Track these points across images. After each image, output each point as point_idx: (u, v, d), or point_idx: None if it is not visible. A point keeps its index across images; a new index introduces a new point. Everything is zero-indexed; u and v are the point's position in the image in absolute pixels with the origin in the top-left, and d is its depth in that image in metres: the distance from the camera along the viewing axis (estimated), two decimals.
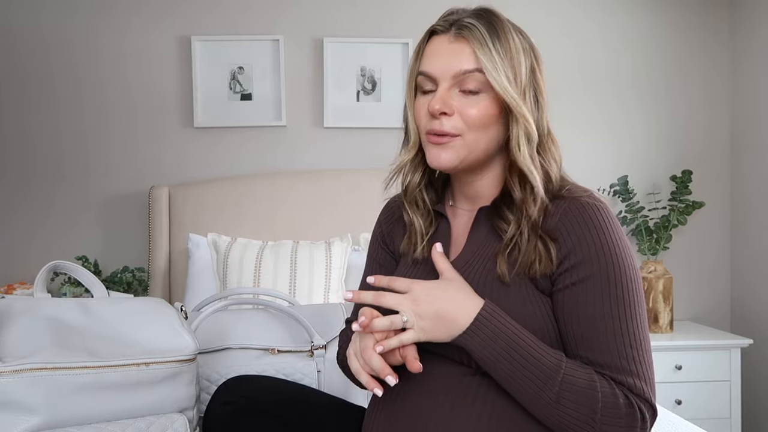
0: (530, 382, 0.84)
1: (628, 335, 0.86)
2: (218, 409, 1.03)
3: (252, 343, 1.36)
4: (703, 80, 2.60)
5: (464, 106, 0.92)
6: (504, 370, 0.85)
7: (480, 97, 0.92)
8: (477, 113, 0.92)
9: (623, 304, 0.86)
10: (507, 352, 0.85)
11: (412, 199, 1.04)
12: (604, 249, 0.87)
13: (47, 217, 2.39)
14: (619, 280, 0.87)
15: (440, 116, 0.92)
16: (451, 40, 0.93)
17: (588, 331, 0.86)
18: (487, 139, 0.94)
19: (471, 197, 1.02)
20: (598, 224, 0.89)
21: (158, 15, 2.42)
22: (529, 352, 0.85)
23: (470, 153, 0.94)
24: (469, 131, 0.93)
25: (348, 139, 2.46)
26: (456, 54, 0.92)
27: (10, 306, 1.06)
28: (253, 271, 2.05)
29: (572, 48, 2.53)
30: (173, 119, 2.43)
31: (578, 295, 0.87)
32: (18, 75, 2.38)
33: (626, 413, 0.84)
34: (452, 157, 0.94)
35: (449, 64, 0.92)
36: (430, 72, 0.94)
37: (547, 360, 0.85)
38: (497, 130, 0.95)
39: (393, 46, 2.46)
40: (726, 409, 2.26)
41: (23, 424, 0.96)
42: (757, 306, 2.47)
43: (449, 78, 0.92)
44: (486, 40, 0.91)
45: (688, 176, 2.47)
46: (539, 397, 0.84)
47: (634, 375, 0.85)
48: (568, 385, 0.84)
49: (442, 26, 0.95)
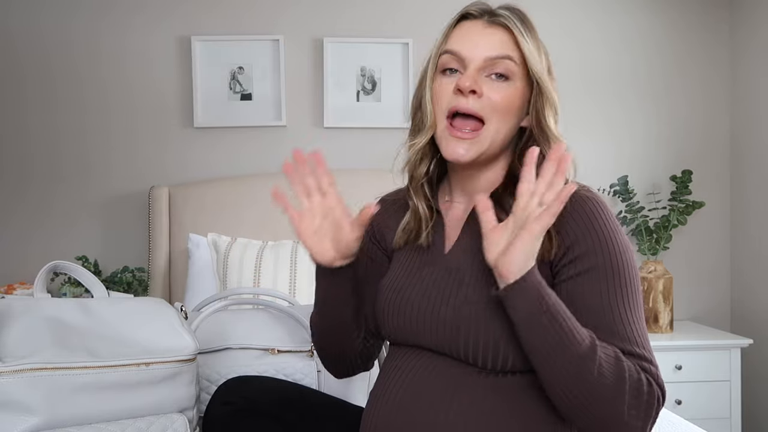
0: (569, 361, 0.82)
1: (635, 323, 0.88)
2: (218, 410, 1.03)
3: (252, 343, 1.36)
4: (703, 80, 2.60)
5: (491, 90, 0.94)
6: (544, 341, 0.83)
7: (508, 84, 0.94)
8: (503, 98, 0.94)
9: (627, 293, 0.88)
10: (553, 323, 0.82)
11: (417, 187, 1.04)
12: (606, 241, 0.89)
13: (47, 217, 2.39)
14: (622, 270, 0.88)
15: (469, 95, 0.93)
16: (485, 25, 0.96)
17: (595, 320, 0.87)
18: (506, 130, 0.96)
19: (469, 191, 1.02)
20: (599, 217, 0.90)
21: (158, 15, 2.42)
22: (570, 328, 0.82)
23: (490, 146, 0.96)
24: (493, 115, 0.94)
25: (348, 139, 2.45)
26: (490, 39, 0.95)
27: (10, 306, 1.06)
28: (253, 271, 2.05)
29: (572, 48, 2.53)
30: (173, 119, 2.43)
31: (583, 286, 0.88)
32: (16, 75, 2.38)
33: (647, 391, 0.84)
34: (471, 152, 0.95)
35: (481, 47, 0.94)
36: (460, 52, 0.95)
37: (584, 334, 0.83)
38: (515, 123, 0.97)
39: (393, 46, 2.46)
40: (726, 409, 2.26)
41: (23, 424, 0.96)
42: (757, 306, 2.47)
43: (480, 60, 0.94)
44: (522, 31, 0.94)
45: (688, 176, 2.47)
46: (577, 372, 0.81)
47: (644, 359, 0.86)
48: (604, 357, 0.82)
49: (475, 11, 0.97)
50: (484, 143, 0.95)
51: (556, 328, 0.82)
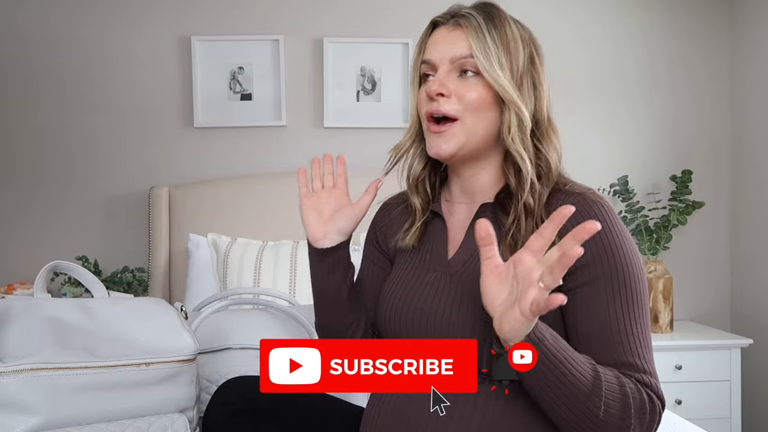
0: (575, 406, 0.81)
1: (638, 334, 0.87)
2: (218, 410, 1.03)
3: (252, 343, 1.36)
4: (703, 80, 2.60)
5: (462, 89, 0.95)
6: (548, 395, 0.82)
7: (478, 79, 0.95)
8: (474, 95, 0.95)
9: (633, 303, 0.87)
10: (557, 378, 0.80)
11: (414, 189, 1.06)
12: (613, 249, 0.88)
13: (47, 218, 2.39)
14: (629, 280, 0.88)
15: (437, 97, 0.95)
16: (450, 29, 0.98)
17: (598, 331, 0.87)
18: (485, 124, 0.96)
19: (469, 192, 1.02)
20: (605, 223, 0.89)
21: (158, 15, 2.42)
22: (574, 375, 0.80)
23: (469, 139, 0.96)
24: (466, 113, 0.95)
25: (348, 139, 2.45)
26: (453, 41, 0.96)
27: (10, 306, 1.06)
28: (253, 271, 2.05)
29: (573, 49, 2.53)
30: (173, 119, 2.43)
31: (589, 296, 0.88)
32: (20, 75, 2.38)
33: (649, 409, 0.84)
34: (451, 145, 0.95)
35: (446, 50, 0.96)
36: (430, 59, 0.98)
37: (587, 374, 0.81)
38: (494, 115, 0.96)
39: (393, 46, 2.46)
40: (726, 409, 2.25)
41: (23, 424, 0.96)
42: (757, 306, 2.47)
43: (446, 62, 0.96)
44: (481, 28, 0.95)
45: (688, 176, 2.47)
46: (584, 416, 0.81)
47: (645, 372, 0.86)
48: (609, 392, 0.82)
49: (442, 18, 1.00)
50: (461, 136, 0.95)
51: (559, 378, 0.80)
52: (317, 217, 1.05)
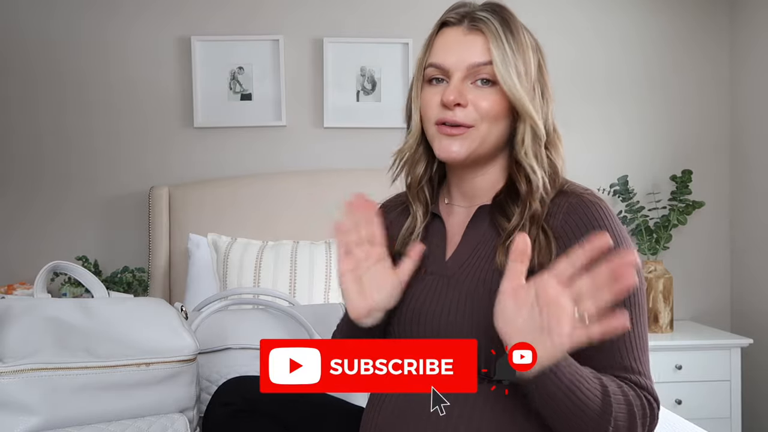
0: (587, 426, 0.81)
1: (635, 336, 0.87)
2: (218, 410, 1.03)
3: (252, 343, 1.36)
4: (703, 80, 2.60)
5: (478, 98, 0.93)
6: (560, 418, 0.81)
7: (494, 89, 0.93)
8: (490, 105, 0.92)
9: (630, 305, 0.87)
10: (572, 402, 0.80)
11: (415, 194, 1.03)
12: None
13: (47, 218, 2.39)
14: None
15: (454, 107, 0.92)
16: (465, 32, 0.94)
17: None
18: (498, 132, 0.95)
19: (469, 195, 1.01)
20: (603, 224, 0.89)
21: (158, 15, 2.42)
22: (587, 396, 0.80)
23: (481, 145, 0.94)
24: (482, 122, 0.93)
25: (348, 139, 2.45)
26: (470, 46, 0.93)
27: (10, 306, 1.06)
28: (253, 271, 2.05)
29: (573, 48, 2.53)
30: (173, 119, 2.43)
31: None
32: (20, 75, 2.38)
33: (649, 414, 0.85)
34: (463, 149, 0.93)
35: (463, 56, 0.93)
36: (443, 64, 0.94)
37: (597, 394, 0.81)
38: (507, 124, 0.95)
39: (393, 46, 2.46)
40: (726, 409, 2.26)
41: (23, 424, 0.97)
42: (757, 306, 2.47)
43: (463, 69, 0.93)
44: (500, 34, 0.92)
45: (688, 176, 2.47)
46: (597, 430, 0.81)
47: (640, 374, 0.87)
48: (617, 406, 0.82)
49: (454, 18, 0.96)
50: (474, 142, 0.94)
51: (573, 402, 0.79)
52: (358, 290, 0.94)
